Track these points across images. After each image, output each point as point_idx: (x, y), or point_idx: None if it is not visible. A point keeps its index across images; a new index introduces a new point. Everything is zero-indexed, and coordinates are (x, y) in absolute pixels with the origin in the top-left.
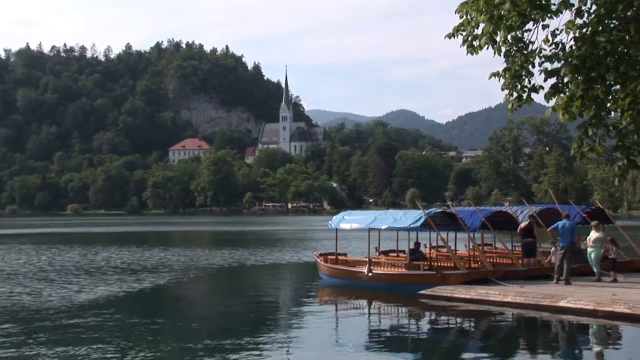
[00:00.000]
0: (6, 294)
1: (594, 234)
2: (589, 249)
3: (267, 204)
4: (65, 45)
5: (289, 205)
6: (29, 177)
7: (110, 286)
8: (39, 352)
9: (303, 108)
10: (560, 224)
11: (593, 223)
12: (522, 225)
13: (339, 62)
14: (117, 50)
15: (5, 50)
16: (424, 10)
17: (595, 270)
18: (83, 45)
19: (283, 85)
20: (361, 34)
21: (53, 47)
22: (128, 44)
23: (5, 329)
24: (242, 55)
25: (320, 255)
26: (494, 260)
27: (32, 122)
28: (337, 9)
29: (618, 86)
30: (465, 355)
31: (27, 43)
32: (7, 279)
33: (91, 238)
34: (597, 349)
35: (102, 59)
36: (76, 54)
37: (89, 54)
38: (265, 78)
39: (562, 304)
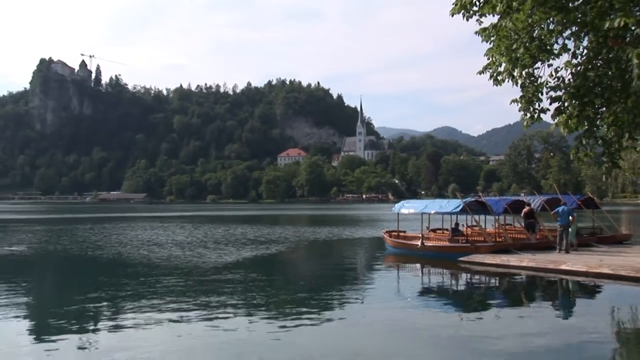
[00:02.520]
0: (180, 257)
1: None
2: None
3: (348, 195)
4: (205, 84)
5: (364, 196)
6: (182, 176)
7: (247, 252)
8: (200, 297)
9: (373, 125)
10: (559, 209)
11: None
12: (524, 210)
13: (399, 92)
14: (241, 86)
15: (166, 89)
16: (460, 54)
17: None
18: (217, 84)
19: (359, 110)
20: (414, 70)
21: (198, 86)
22: (249, 82)
23: (181, 280)
24: (329, 88)
25: (386, 232)
26: (513, 236)
27: (183, 138)
28: (397, 53)
29: (604, 108)
30: (492, 303)
31: (181, 83)
32: (179, 246)
33: (227, 219)
34: (587, 300)
35: (231, 93)
36: (213, 89)
37: (221, 90)
38: (346, 104)
39: (563, 267)
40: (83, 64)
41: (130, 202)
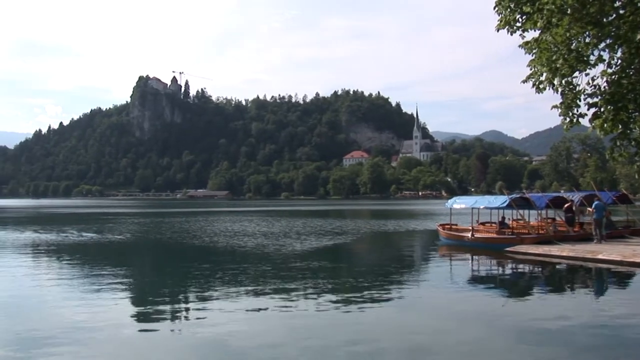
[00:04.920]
0: (268, 245)
1: None
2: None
3: (406, 192)
4: (279, 95)
5: (420, 193)
6: (259, 176)
7: (325, 241)
8: (284, 280)
9: (428, 130)
10: (595, 204)
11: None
12: (565, 206)
13: (450, 99)
14: (310, 96)
15: (245, 99)
16: (505, 65)
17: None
18: (290, 95)
19: (415, 116)
20: (464, 80)
21: (272, 97)
22: (317, 92)
23: (267, 266)
24: (388, 97)
25: (440, 225)
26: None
27: (260, 143)
28: (447, 65)
29: (637, 113)
30: (534, 289)
31: (258, 95)
32: (266, 236)
33: (301, 213)
34: (621, 286)
35: (301, 102)
36: (285, 99)
37: (293, 100)
38: (403, 111)
39: (600, 256)
40: (174, 80)
41: (214, 198)
